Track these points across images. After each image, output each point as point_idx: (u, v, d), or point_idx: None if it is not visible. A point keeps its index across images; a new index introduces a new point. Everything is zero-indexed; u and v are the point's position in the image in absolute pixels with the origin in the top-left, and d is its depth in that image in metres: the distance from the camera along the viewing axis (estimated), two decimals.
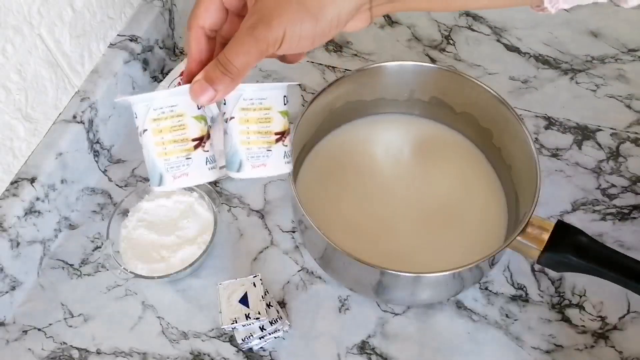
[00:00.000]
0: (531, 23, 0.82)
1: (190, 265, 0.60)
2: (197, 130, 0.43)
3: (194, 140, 0.43)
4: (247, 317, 0.55)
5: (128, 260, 0.62)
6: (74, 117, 0.65)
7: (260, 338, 0.57)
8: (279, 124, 0.45)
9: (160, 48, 0.77)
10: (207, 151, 0.44)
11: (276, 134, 0.45)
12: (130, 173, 0.71)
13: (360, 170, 0.66)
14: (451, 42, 0.81)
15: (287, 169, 0.46)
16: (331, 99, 0.63)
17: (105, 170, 0.71)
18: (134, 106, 0.42)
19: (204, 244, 0.62)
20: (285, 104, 0.46)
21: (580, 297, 0.61)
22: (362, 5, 0.40)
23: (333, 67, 0.79)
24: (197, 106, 0.42)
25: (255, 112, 0.44)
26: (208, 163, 0.44)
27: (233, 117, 0.44)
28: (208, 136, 0.44)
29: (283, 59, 0.44)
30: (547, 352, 0.59)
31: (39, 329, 0.61)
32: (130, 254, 0.62)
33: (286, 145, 0.46)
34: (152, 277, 0.60)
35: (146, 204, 0.65)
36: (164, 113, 0.42)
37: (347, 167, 0.66)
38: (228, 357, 0.59)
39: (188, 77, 0.42)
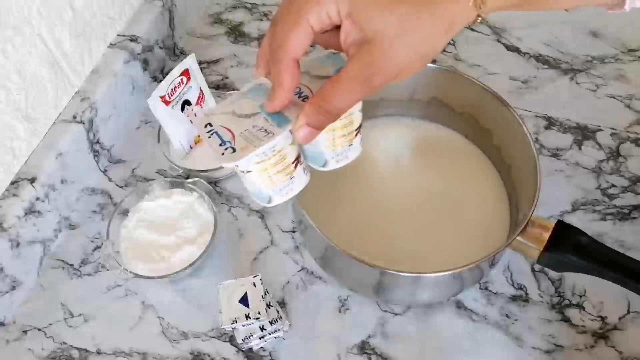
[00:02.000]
0: (531, 23, 0.82)
1: (190, 265, 0.60)
2: (294, 153, 0.44)
3: (293, 162, 0.44)
4: (247, 317, 0.55)
5: (128, 260, 0.62)
6: (74, 117, 0.65)
7: (260, 338, 0.57)
8: (358, 120, 0.47)
9: (160, 48, 0.77)
10: (302, 162, 0.46)
11: (355, 129, 0.47)
12: (130, 173, 0.71)
13: (360, 170, 0.66)
14: (451, 42, 0.81)
15: (360, 149, 0.49)
16: None
17: (105, 170, 0.71)
18: None
19: (204, 244, 0.62)
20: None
21: (580, 297, 0.61)
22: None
23: None
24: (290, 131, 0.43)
25: (341, 121, 0.45)
26: (304, 171, 0.46)
27: None
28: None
29: None
30: (547, 352, 0.59)
31: (39, 329, 0.61)
32: (130, 254, 0.62)
33: (361, 133, 0.48)
34: (152, 277, 0.60)
35: (146, 204, 0.65)
36: (266, 155, 0.42)
37: (348, 168, 0.66)
38: (228, 357, 0.59)
39: (282, 105, 0.42)
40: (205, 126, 0.44)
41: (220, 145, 0.42)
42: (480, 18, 0.39)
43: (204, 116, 0.45)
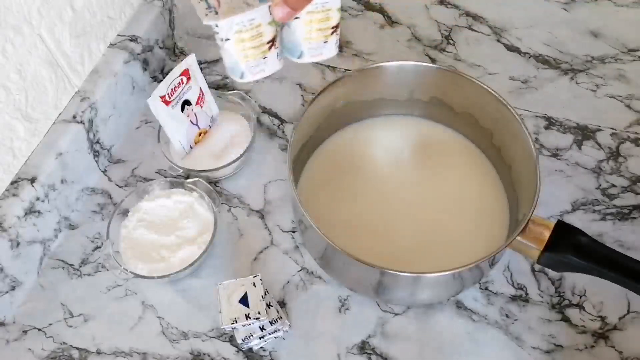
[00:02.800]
0: (531, 23, 0.82)
1: (190, 265, 0.60)
2: (271, 33, 0.49)
3: (268, 42, 0.49)
4: (247, 317, 0.55)
5: (128, 260, 0.62)
6: (74, 117, 0.65)
7: (260, 338, 0.57)
8: (335, 19, 0.50)
9: (160, 48, 0.77)
10: (277, 47, 0.50)
11: (332, 27, 0.50)
12: (130, 173, 0.71)
13: (360, 170, 0.66)
14: (451, 42, 0.81)
15: (335, 51, 0.52)
16: (331, 99, 0.63)
17: (105, 170, 0.71)
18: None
19: (203, 244, 0.62)
20: None
21: (580, 297, 0.61)
22: None
23: (333, 67, 0.79)
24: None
25: (319, 14, 0.49)
26: (278, 56, 0.51)
27: (298, 18, 0.48)
28: (276, 34, 0.50)
29: None
30: (547, 352, 0.59)
31: (39, 329, 0.61)
32: (130, 254, 0.62)
33: (338, 35, 0.51)
34: (152, 277, 0.60)
35: (146, 204, 0.65)
36: (245, 26, 0.47)
37: (348, 168, 0.66)
38: (228, 357, 0.59)
39: None
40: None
41: (206, 8, 0.48)
42: None
43: None
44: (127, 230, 0.64)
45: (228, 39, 0.48)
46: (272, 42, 0.49)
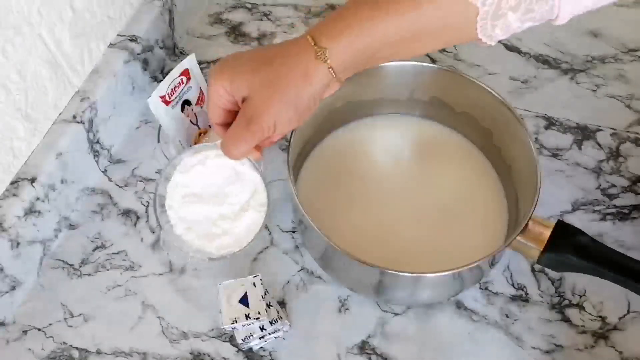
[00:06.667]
0: None
1: (259, 231, 0.55)
2: None
3: None
4: (247, 317, 0.55)
5: (192, 242, 0.55)
6: (74, 117, 0.65)
7: (260, 338, 0.57)
8: None
9: (160, 48, 0.77)
10: None
11: None
12: (130, 173, 0.71)
13: (360, 170, 0.66)
14: None
15: None
16: (331, 99, 0.63)
17: (105, 170, 0.71)
18: None
19: (261, 206, 0.56)
20: None
21: (580, 297, 0.61)
22: (330, 82, 0.47)
23: None
24: None
25: None
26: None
27: None
28: None
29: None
30: (547, 352, 0.59)
31: (39, 329, 0.61)
32: (192, 235, 0.56)
33: None
34: (231, 254, 0.54)
35: (181, 176, 0.56)
36: None
37: (347, 168, 0.66)
38: (228, 357, 0.59)
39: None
40: None
41: None
42: (333, 72, 0.45)
43: None
44: (174, 210, 0.56)
45: None
46: None
